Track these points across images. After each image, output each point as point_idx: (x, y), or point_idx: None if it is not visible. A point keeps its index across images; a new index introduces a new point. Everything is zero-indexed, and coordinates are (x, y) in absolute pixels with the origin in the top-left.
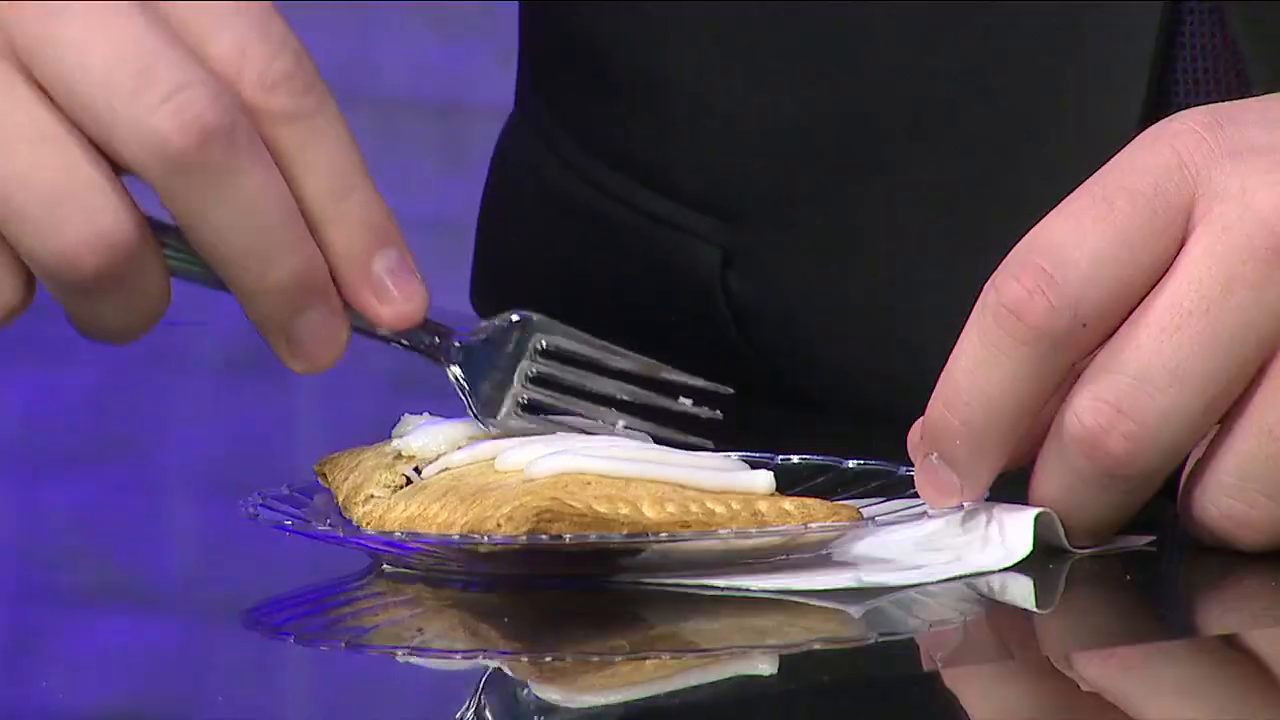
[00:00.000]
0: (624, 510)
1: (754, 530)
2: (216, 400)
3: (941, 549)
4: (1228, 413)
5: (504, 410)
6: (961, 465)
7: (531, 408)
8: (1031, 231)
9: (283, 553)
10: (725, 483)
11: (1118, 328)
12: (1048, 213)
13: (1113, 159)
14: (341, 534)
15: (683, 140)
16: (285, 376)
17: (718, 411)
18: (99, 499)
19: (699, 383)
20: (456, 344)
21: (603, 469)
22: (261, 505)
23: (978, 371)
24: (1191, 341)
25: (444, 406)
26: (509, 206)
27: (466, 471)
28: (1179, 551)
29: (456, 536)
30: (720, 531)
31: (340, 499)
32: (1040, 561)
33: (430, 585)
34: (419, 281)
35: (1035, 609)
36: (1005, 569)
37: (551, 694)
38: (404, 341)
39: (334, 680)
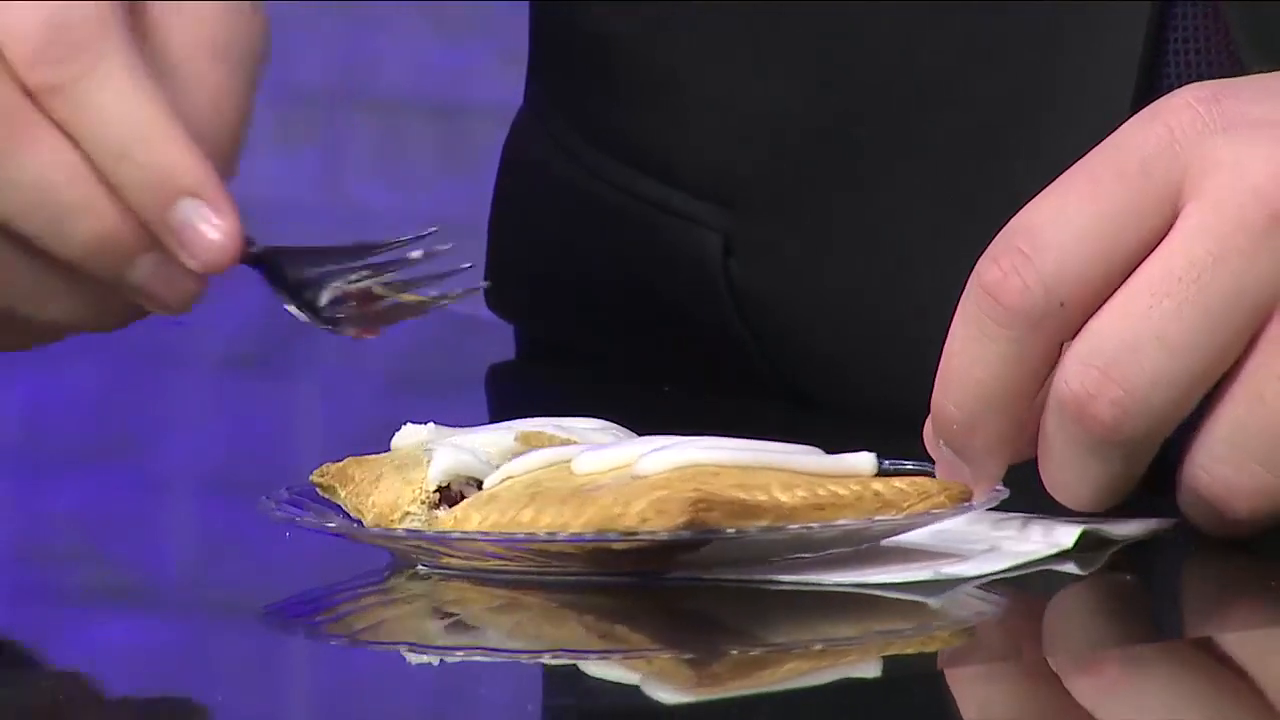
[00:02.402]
0: (761, 497)
1: (891, 516)
2: (216, 400)
3: (980, 540)
4: (1221, 381)
5: (323, 299)
6: (963, 452)
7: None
8: (1019, 213)
9: (283, 552)
10: (830, 466)
11: (1103, 303)
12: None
13: (1108, 137)
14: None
15: (686, 129)
16: (285, 376)
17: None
18: (99, 499)
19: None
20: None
21: (721, 459)
22: (291, 505)
23: (963, 355)
24: (1180, 308)
25: (444, 407)
26: (518, 203)
27: (540, 477)
28: (1179, 551)
29: (543, 534)
30: (878, 518)
31: (368, 519)
32: (1040, 561)
33: (473, 584)
34: (224, 225)
35: (1035, 609)
36: (1014, 568)
37: (570, 693)
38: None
39: (338, 681)
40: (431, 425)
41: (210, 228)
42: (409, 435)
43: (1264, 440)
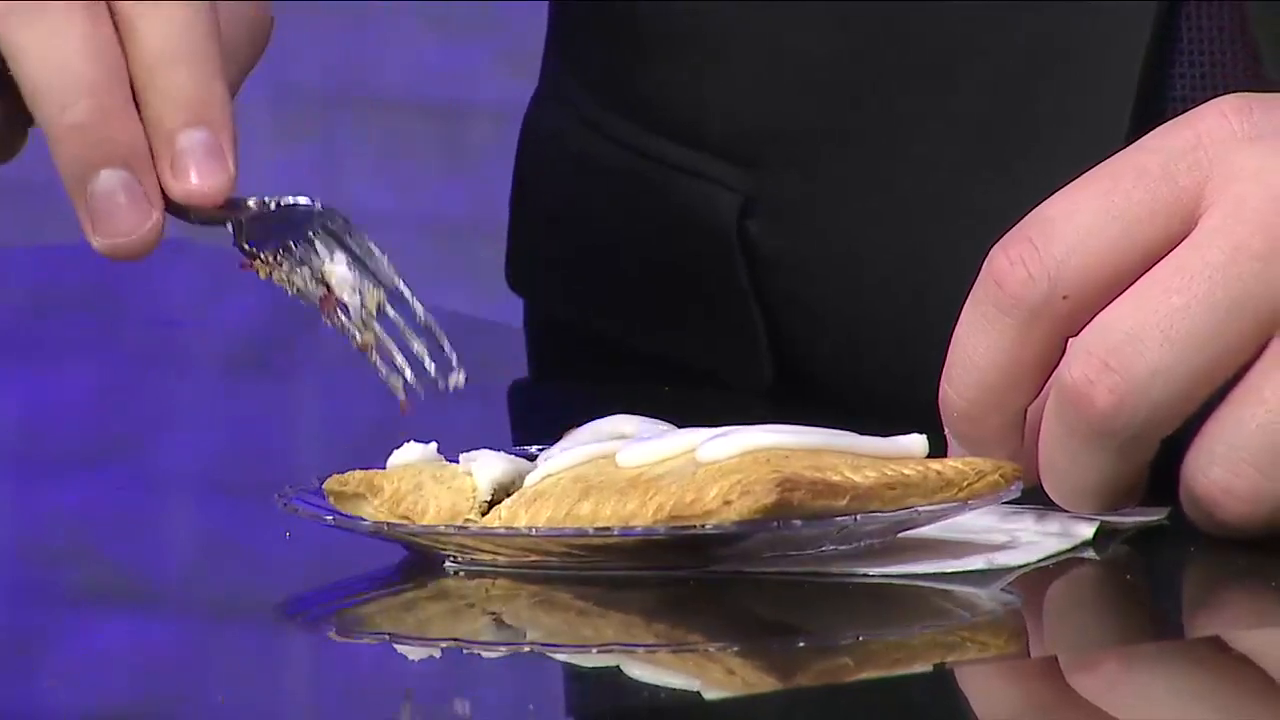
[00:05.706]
0: (836, 478)
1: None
2: (216, 400)
3: (996, 532)
4: (1229, 385)
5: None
6: (964, 440)
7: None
8: (1038, 206)
9: (283, 551)
10: (886, 448)
11: (1110, 301)
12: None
13: (1140, 139)
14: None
15: (711, 85)
16: (286, 377)
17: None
18: (99, 499)
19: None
20: (247, 220)
21: (787, 442)
22: (309, 504)
23: (968, 342)
24: (1188, 304)
25: (444, 406)
26: (535, 179)
27: (584, 472)
28: (1179, 551)
29: (591, 529)
30: (923, 507)
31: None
32: (1065, 553)
33: (512, 582)
34: (225, 166)
35: (1035, 608)
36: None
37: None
38: (191, 218)
39: (341, 678)
40: (434, 445)
41: (216, 160)
42: (408, 453)
43: (1261, 443)
